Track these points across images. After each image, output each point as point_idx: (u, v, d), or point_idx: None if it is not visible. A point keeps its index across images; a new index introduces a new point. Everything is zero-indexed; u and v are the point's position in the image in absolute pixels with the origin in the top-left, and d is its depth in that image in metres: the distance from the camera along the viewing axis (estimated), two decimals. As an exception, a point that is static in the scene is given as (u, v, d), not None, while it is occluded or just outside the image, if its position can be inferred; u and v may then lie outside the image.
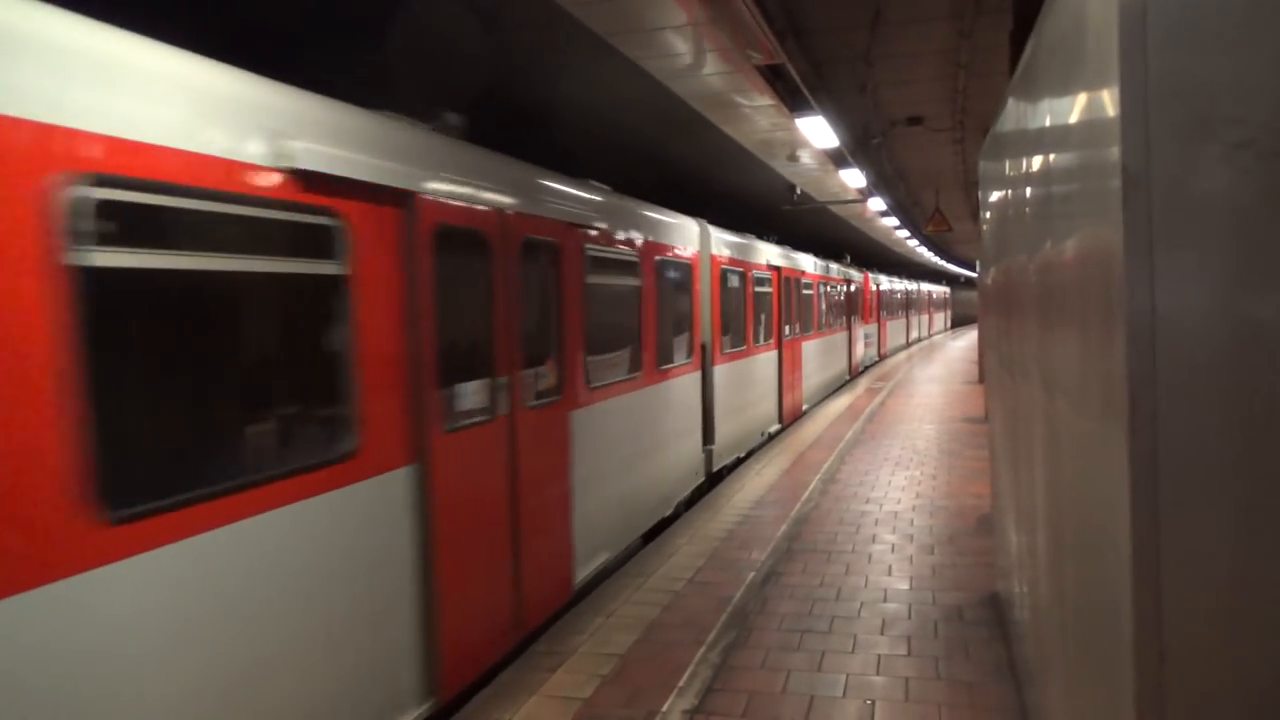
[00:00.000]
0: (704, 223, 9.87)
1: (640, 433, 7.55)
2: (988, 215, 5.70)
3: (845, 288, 21.11)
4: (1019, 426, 3.88)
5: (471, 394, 4.79)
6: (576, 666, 4.93)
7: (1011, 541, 4.43)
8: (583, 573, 6.17)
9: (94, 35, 2.82)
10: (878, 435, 12.85)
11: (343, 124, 3.90)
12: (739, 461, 11.29)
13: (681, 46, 8.13)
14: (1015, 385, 4.01)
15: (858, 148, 13.82)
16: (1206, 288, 1.68)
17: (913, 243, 32.74)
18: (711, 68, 8.89)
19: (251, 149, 3.28)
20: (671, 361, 8.51)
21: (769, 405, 13.04)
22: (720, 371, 10.29)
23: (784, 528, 7.73)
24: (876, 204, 19.15)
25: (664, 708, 4.41)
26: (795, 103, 9.97)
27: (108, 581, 2.69)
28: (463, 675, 4.59)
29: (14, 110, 2.47)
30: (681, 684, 4.66)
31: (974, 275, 46.61)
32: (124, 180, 2.78)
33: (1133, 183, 1.70)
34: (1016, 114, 3.58)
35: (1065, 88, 2.33)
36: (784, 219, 19.52)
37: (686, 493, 8.98)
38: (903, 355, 33.95)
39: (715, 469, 10.10)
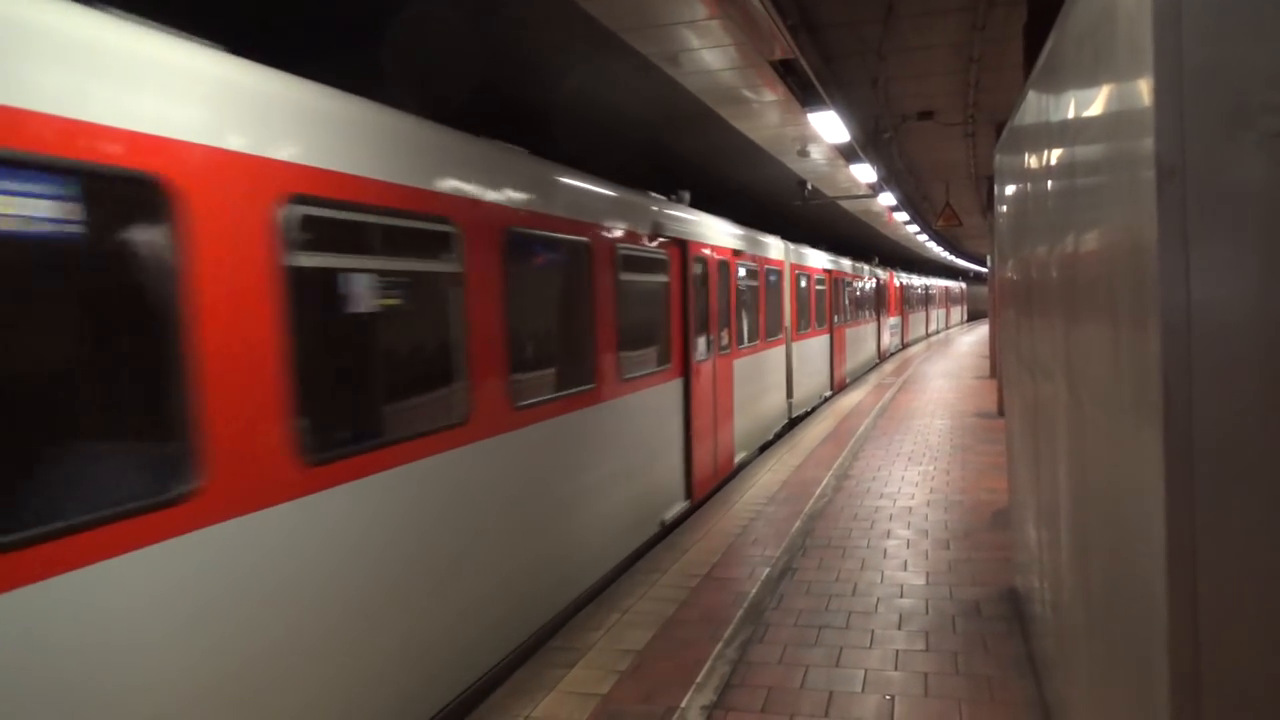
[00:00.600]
0: (785, 240, 13.87)
1: (759, 379, 11.72)
2: (1004, 209, 5.66)
3: (874, 284, 24.57)
4: (1039, 421, 3.85)
5: (702, 344, 8.99)
6: (593, 663, 4.94)
7: (1031, 537, 4.41)
8: (737, 458, 10.40)
9: (564, 174, 6.21)
10: (890, 431, 12.82)
11: (664, 210, 7.93)
12: (805, 415, 15.00)
13: (695, 42, 8.11)
14: (1035, 380, 3.98)
15: (868, 142, 13.77)
16: (1243, 279, 1.66)
17: (922, 238, 32.57)
18: (724, 63, 8.86)
19: (648, 230, 7.50)
20: (773, 335, 12.65)
21: (825, 375, 17.32)
22: (797, 346, 14.41)
23: (798, 523, 7.72)
24: (886, 199, 19.08)
25: (682, 703, 4.41)
26: (807, 97, 9.94)
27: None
28: (699, 491, 8.79)
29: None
30: (699, 680, 4.66)
31: (984, 270, 46.31)
32: (633, 252, 7.10)
33: (1167, 174, 1.67)
34: (1038, 106, 3.54)
35: (1093, 78, 2.30)
36: (794, 214, 19.45)
37: (779, 427, 13.07)
38: (920, 346, 34.07)
39: (793, 416, 14.01)
